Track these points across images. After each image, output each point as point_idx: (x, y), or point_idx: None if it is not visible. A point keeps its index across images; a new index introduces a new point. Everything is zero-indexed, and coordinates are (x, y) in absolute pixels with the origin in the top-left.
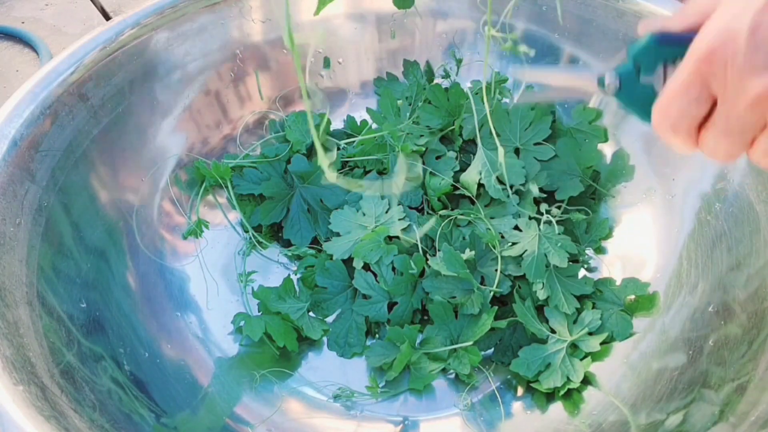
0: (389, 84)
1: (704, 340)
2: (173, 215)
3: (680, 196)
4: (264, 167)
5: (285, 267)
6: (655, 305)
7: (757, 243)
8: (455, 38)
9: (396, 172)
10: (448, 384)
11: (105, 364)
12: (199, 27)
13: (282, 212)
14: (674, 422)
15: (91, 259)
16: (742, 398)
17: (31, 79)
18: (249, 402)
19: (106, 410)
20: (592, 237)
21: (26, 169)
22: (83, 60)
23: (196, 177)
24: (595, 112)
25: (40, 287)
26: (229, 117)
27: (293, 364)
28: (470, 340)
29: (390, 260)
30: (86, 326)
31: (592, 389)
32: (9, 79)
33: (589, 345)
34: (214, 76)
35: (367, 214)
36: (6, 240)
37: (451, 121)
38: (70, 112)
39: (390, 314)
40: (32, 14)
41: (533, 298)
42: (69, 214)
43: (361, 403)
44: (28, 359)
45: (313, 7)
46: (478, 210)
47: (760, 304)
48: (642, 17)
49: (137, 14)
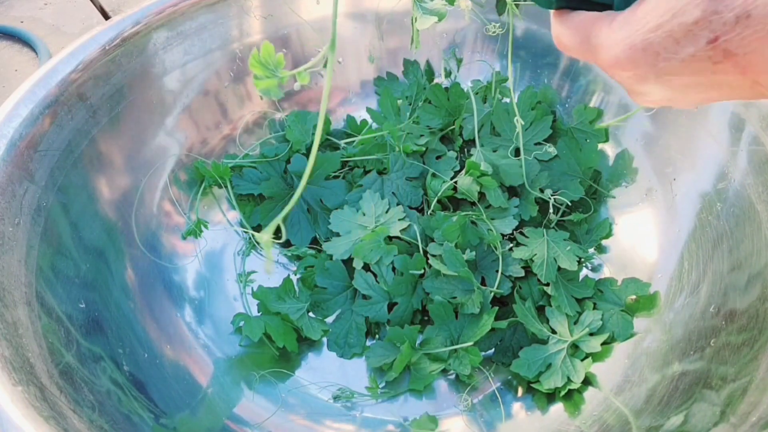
0: (389, 84)
1: (705, 340)
2: (173, 215)
3: (681, 196)
4: (263, 167)
5: (285, 267)
6: (656, 306)
7: (759, 243)
8: (455, 38)
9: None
10: (449, 384)
11: (104, 365)
12: (199, 26)
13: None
14: (675, 423)
15: (90, 259)
16: (743, 399)
17: (30, 78)
18: (248, 403)
19: (105, 411)
20: (593, 237)
21: (25, 168)
22: (82, 59)
23: (195, 177)
24: (595, 112)
25: (38, 287)
26: (229, 117)
27: (293, 365)
28: (471, 341)
29: (390, 260)
30: (85, 326)
31: (592, 390)
32: (8, 78)
33: (589, 345)
34: (213, 75)
35: (367, 214)
36: (5, 240)
37: (452, 121)
38: (69, 112)
39: (390, 315)
40: (31, 13)
41: (534, 299)
42: (68, 214)
43: (361, 403)
44: (27, 360)
45: (313, 7)
46: (479, 211)
47: (761, 305)
48: None
49: (136, 13)
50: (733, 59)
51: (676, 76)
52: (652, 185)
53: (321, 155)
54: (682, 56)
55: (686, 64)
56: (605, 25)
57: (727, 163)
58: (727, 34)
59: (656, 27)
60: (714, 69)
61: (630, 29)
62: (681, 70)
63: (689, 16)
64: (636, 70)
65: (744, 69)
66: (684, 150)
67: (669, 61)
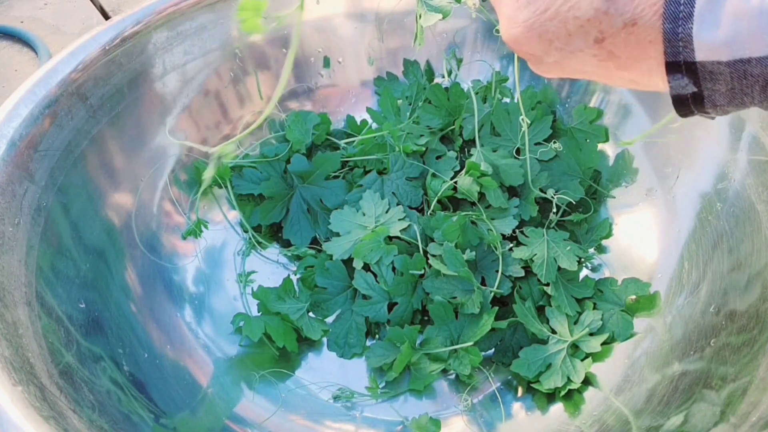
0: (389, 84)
1: (705, 340)
2: (173, 215)
3: (681, 196)
4: (263, 167)
5: (285, 267)
6: (656, 305)
7: (759, 243)
8: (455, 38)
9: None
10: (449, 384)
11: (104, 365)
12: (199, 26)
13: (282, 212)
14: (675, 423)
15: (90, 259)
16: (743, 399)
17: (29, 78)
18: (248, 403)
19: (105, 411)
20: (593, 237)
21: (25, 168)
22: (82, 60)
23: (195, 177)
24: (595, 112)
25: (39, 287)
26: (229, 117)
27: (293, 365)
28: (471, 341)
29: (390, 260)
30: (85, 326)
31: (592, 390)
32: (8, 78)
33: (589, 345)
34: (213, 75)
35: (367, 214)
36: (5, 240)
37: (452, 121)
38: (69, 112)
39: (390, 314)
40: (31, 14)
41: (534, 299)
42: (68, 214)
43: (361, 403)
44: (27, 360)
45: (313, 6)
46: (479, 211)
47: (761, 305)
48: None
49: (136, 13)
50: (615, 60)
51: (567, 62)
52: (652, 185)
53: (321, 155)
54: (571, 49)
55: (574, 56)
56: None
57: (727, 163)
58: (613, 37)
59: (554, 15)
60: (598, 64)
61: (531, 12)
62: (570, 59)
63: (583, 12)
64: (532, 52)
65: (624, 69)
66: (684, 150)
67: (560, 51)
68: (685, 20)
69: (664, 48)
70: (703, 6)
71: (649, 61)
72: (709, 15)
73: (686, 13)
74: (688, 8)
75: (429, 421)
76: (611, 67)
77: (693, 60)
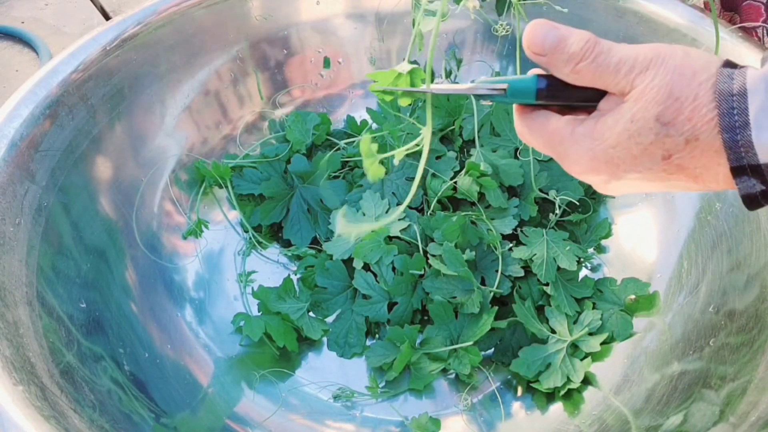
0: None
1: (704, 340)
2: (173, 215)
3: (681, 196)
4: (264, 167)
5: (285, 267)
6: (656, 305)
7: (758, 243)
8: (455, 38)
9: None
10: (449, 384)
11: (105, 364)
12: (199, 26)
13: (282, 212)
14: (674, 422)
15: (91, 259)
16: (742, 398)
17: (30, 79)
18: (249, 402)
19: (105, 410)
20: (593, 237)
21: (26, 169)
22: (83, 60)
23: (196, 177)
24: None
25: (39, 287)
26: (229, 117)
27: (293, 365)
28: (470, 340)
29: (390, 260)
30: (86, 326)
31: (592, 389)
32: (9, 78)
33: (589, 345)
34: (213, 75)
35: (367, 214)
36: (6, 240)
37: (451, 121)
38: (69, 112)
39: (390, 314)
40: (32, 14)
41: (533, 299)
42: (68, 214)
43: (361, 403)
44: (28, 359)
45: (313, 7)
46: (479, 211)
47: (760, 305)
48: (642, 17)
49: (137, 14)
50: (685, 171)
51: (636, 181)
52: None
53: (321, 155)
54: (639, 168)
55: (644, 174)
56: (567, 134)
57: None
58: (679, 153)
59: (615, 144)
60: (669, 177)
61: (592, 143)
62: (639, 177)
63: (644, 139)
64: (599, 177)
65: (696, 178)
66: None
67: (628, 171)
68: (743, 129)
69: (727, 155)
70: (758, 113)
71: (719, 168)
72: (765, 122)
73: (742, 122)
74: (743, 117)
75: (429, 421)
76: (681, 178)
77: (757, 163)
